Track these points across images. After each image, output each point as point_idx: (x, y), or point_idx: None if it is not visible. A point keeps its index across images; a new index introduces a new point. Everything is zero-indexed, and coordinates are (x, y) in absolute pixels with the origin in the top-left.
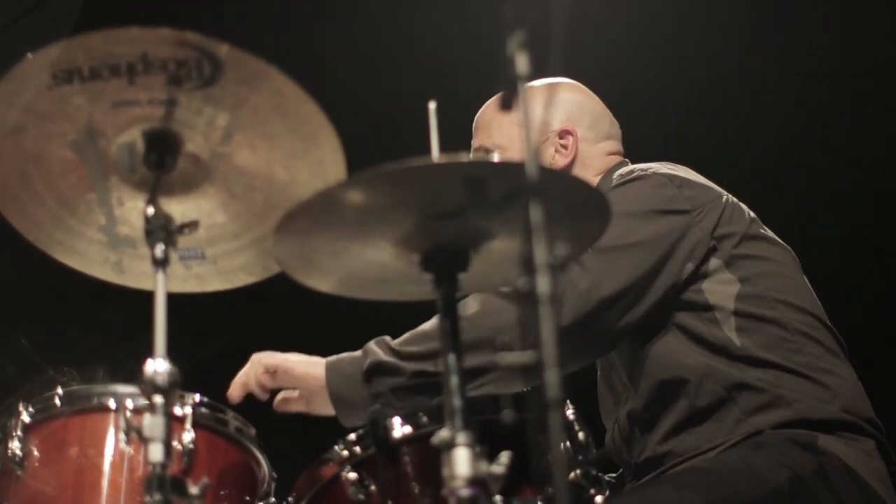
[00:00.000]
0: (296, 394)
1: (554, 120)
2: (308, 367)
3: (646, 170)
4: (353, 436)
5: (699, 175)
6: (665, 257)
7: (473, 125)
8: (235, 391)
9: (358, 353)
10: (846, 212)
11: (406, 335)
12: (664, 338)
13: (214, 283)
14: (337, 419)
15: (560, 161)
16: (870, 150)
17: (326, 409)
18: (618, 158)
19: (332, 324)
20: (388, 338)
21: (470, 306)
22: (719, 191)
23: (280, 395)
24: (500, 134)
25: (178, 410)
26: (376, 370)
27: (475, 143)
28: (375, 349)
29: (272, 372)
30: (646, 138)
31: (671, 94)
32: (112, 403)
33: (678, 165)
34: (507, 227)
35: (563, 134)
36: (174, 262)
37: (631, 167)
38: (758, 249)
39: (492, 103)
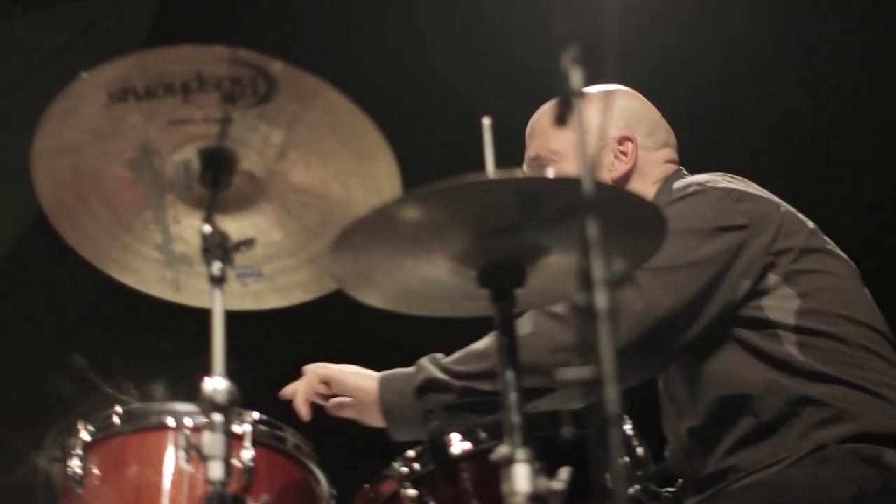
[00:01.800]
0: (349, 400)
1: (611, 126)
2: (361, 379)
3: (703, 183)
4: (411, 452)
5: (757, 186)
6: (719, 276)
7: (527, 132)
8: (304, 408)
9: (411, 369)
10: None
11: (459, 353)
12: (725, 354)
13: (271, 300)
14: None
15: (620, 168)
16: None
17: (377, 421)
18: (674, 167)
19: (389, 340)
20: (440, 355)
21: (523, 328)
22: (777, 202)
23: (335, 400)
24: (558, 141)
25: (237, 428)
26: (428, 387)
27: (531, 151)
28: (428, 366)
29: (326, 382)
30: (697, 147)
31: (723, 102)
32: (171, 421)
33: (735, 177)
34: (563, 243)
35: (623, 140)
36: (231, 279)
37: (688, 180)
38: (818, 263)
39: (547, 110)
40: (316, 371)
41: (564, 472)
